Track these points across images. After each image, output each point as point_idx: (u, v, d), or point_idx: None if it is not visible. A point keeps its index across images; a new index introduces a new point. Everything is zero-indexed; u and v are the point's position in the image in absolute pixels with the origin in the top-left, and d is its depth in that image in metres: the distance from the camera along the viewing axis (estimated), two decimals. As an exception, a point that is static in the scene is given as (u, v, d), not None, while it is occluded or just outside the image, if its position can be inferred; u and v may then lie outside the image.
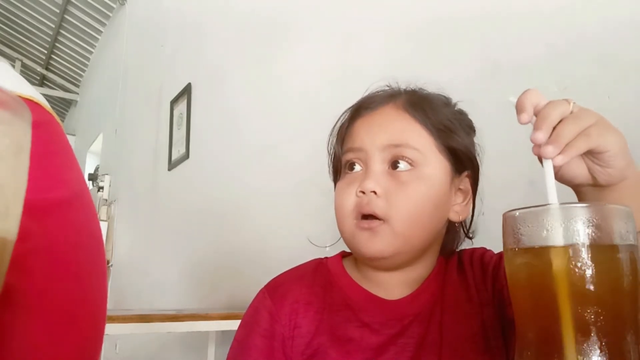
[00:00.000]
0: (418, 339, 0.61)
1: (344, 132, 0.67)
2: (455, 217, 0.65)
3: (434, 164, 0.62)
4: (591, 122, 0.44)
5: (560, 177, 0.47)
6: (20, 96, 0.43)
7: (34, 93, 0.46)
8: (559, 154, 0.42)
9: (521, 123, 0.45)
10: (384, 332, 0.62)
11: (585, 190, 0.50)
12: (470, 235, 0.69)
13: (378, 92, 0.69)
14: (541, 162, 0.43)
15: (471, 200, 0.66)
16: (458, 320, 0.61)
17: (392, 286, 0.65)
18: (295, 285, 0.67)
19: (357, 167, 0.63)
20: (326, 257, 0.72)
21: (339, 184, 0.65)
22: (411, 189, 0.60)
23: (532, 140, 0.43)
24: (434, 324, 0.62)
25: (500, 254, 0.65)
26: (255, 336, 0.65)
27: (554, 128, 0.44)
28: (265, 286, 0.69)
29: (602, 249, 0.34)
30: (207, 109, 2.52)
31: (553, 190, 0.40)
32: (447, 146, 0.63)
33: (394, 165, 0.61)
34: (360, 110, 0.67)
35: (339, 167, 0.66)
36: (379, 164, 0.61)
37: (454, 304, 0.63)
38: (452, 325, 0.61)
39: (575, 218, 0.35)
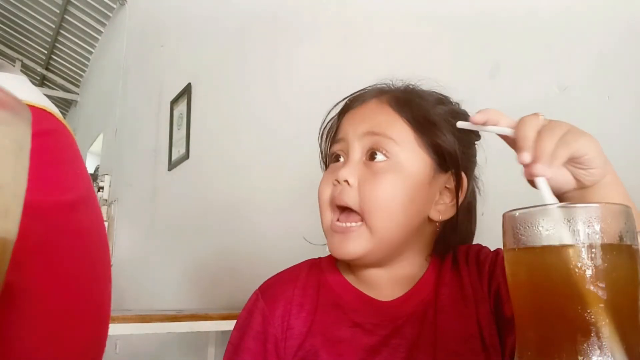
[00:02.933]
0: (411, 340, 0.61)
1: (333, 129, 0.70)
2: (435, 216, 0.64)
3: (411, 156, 0.62)
4: (565, 131, 0.45)
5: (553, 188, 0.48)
6: (34, 106, 0.44)
7: (48, 104, 0.48)
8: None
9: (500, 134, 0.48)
10: (376, 332, 0.62)
11: (570, 195, 0.51)
12: (458, 235, 0.67)
13: (367, 88, 0.70)
14: (529, 181, 0.44)
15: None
16: (453, 321, 0.61)
17: (383, 286, 0.65)
18: (287, 287, 0.67)
19: (341, 159, 0.65)
20: (320, 257, 0.72)
21: (324, 174, 0.67)
22: (383, 179, 0.60)
23: (520, 162, 0.44)
24: (427, 325, 0.61)
25: (496, 251, 0.65)
26: (248, 339, 0.65)
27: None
28: (259, 288, 0.70)
29: (602, 248, 0.34)
30: (207, 109, 2.52)
31: (549, 194, 0.42)
32: (429, 142, 0.63)
33: (371, 156, 0.62)
34: (348, 106, 0.69)
35: (328, 162, 0.69)
36: (357, 153, 0.63)
37: (449, 304, 0.62)
38: (447, 325, 0.61)
39: (576, 218, 0.35)
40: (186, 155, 2.62)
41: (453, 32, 1.22)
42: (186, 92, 2.69)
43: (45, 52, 5.09)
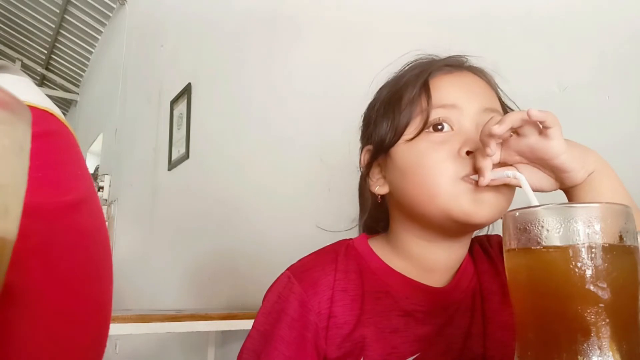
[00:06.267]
0: (465, 330, 0.59)
1: (427, 84, 0.61)
2: None
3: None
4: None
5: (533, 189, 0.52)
6: (36, 107, 0.45)
7: (50, 105, 0.48)
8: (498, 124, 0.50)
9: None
10: (429, 321, 0.58)
11: (567, 191, 0.56)
12: None
13: (452, 55, 0.67)
14: None
15: None
16: (498, 310, 0.60)
17: (436, 269, 0.62)
18: (326, 270, 0.61)
19: (446, 127, 0.58)
20: (351, 239, 0.67)
21: (418, 144, 0.58)
22: None
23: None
24: (477, 314, 0.60)
25: None
26: (282, 327, 0.58)
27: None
28: (290, 270, 0.63)
29: (602, 248, 0.34)
30: (207, 109, 2.52)
31: (533, 195, 0.45)
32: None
33: None
34: (442, 66, 0.63)
35: (419, 124, 0.59)
36: (475, 126, 0.58)
37: (492, 293, 0.61)
38: (493, 314, 0.60)
39: (576, 218, 0.35)
40: (186, 155, 2.62)
41: (453, 32, 1.22)
42: (186, 92, 2.69)
43: (45, 52, 5.09)
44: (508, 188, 0.56)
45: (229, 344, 2.01)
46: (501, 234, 0.66)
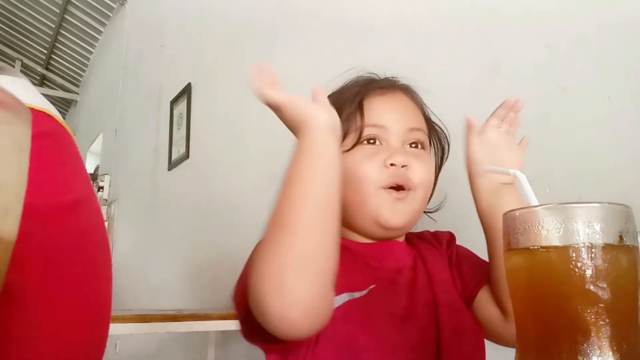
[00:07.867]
0: (411, 283, 0.68)
1: (362, 105, 0.70)
2: None
3: (429, 147, 0.73)
4: None
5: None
6: (34, 108, 0.45)
7: (48, 106, 0.48)
8: None
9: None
10: (383, 268, 0.68)
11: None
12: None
13: (386, 77, 0.76)
14: None
15: None
16: (438, 269, 0.70)
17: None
18: None
19: (377, 142, 0.69)
20: None
21: (354, 154, 0.68)
22: (426, 163, 0.70)
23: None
24: (421, 272, 0.70)
25: (447, 232, 0.77)
26: None
27: None
28: None
29: (602, 248, 0.34)
30: (207, 109, 2.52)
31: (533, 195, 0.44)
32: (430, 135, 0.74)
33: (409, 145, 0.70)
34: (376, 88, 0.72)
35: (355, 138, 0.69)
36: (399, 142, 0.69)
37: (430, 258, 0.72)
38: (436, 272, 0.70)
39: (576, 218, 0.35)
40: (186, 155, 2.62)
41: (453, 31, 1.22)
42: (186, 92, 2.69)
43: (45, 52, 5.09)
44: (422, 197, 0.68)
45: (229, 344, 2.01)
46: (436, 230, 0.76)
